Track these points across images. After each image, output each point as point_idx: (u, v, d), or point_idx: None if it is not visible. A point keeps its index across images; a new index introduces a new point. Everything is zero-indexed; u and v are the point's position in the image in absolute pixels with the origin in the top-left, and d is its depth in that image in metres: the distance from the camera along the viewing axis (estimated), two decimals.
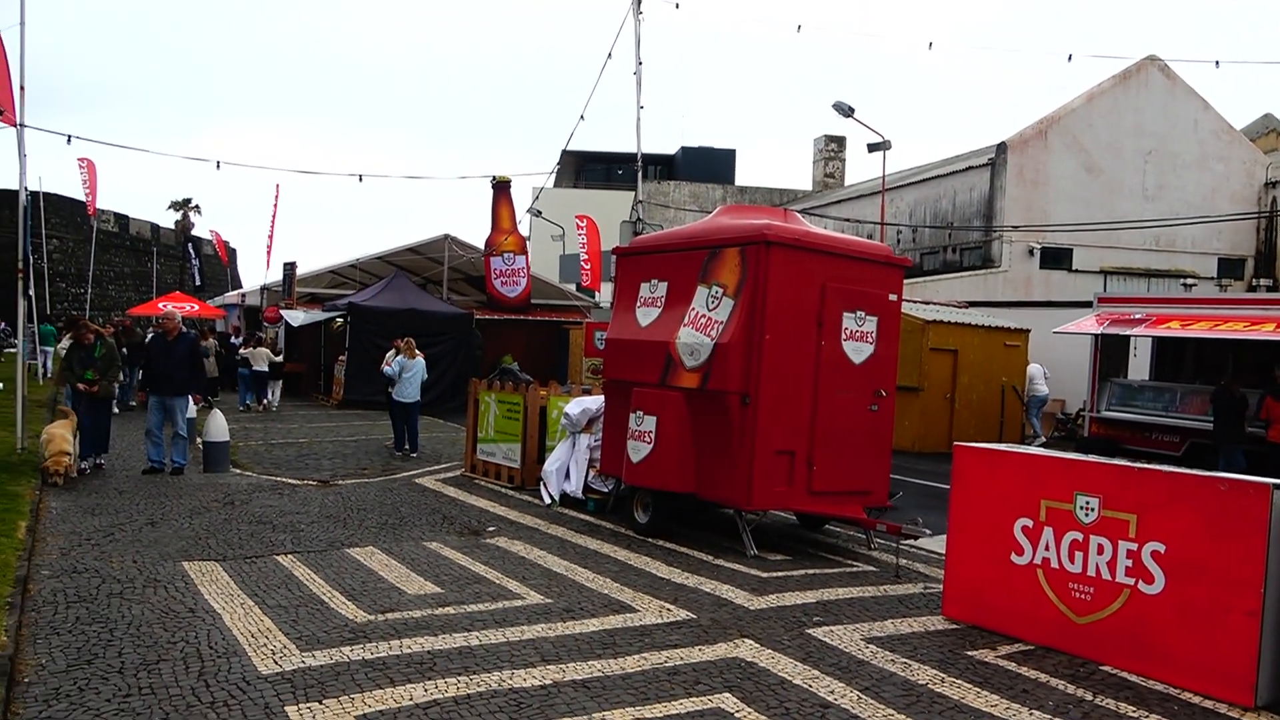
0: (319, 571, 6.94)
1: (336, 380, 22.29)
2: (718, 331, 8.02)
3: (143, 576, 6.59)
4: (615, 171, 55.21)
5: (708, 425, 8.17)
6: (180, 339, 11.19)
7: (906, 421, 16.19)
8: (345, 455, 13.66)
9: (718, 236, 8.40)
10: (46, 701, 4.37)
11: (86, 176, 33.45)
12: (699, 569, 7.42)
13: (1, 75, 11.88)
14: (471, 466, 12.02)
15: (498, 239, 24.81)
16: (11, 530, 7.48)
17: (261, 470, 11.98)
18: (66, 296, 48.72)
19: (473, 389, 12.27)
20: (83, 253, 48.32)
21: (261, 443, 14.75)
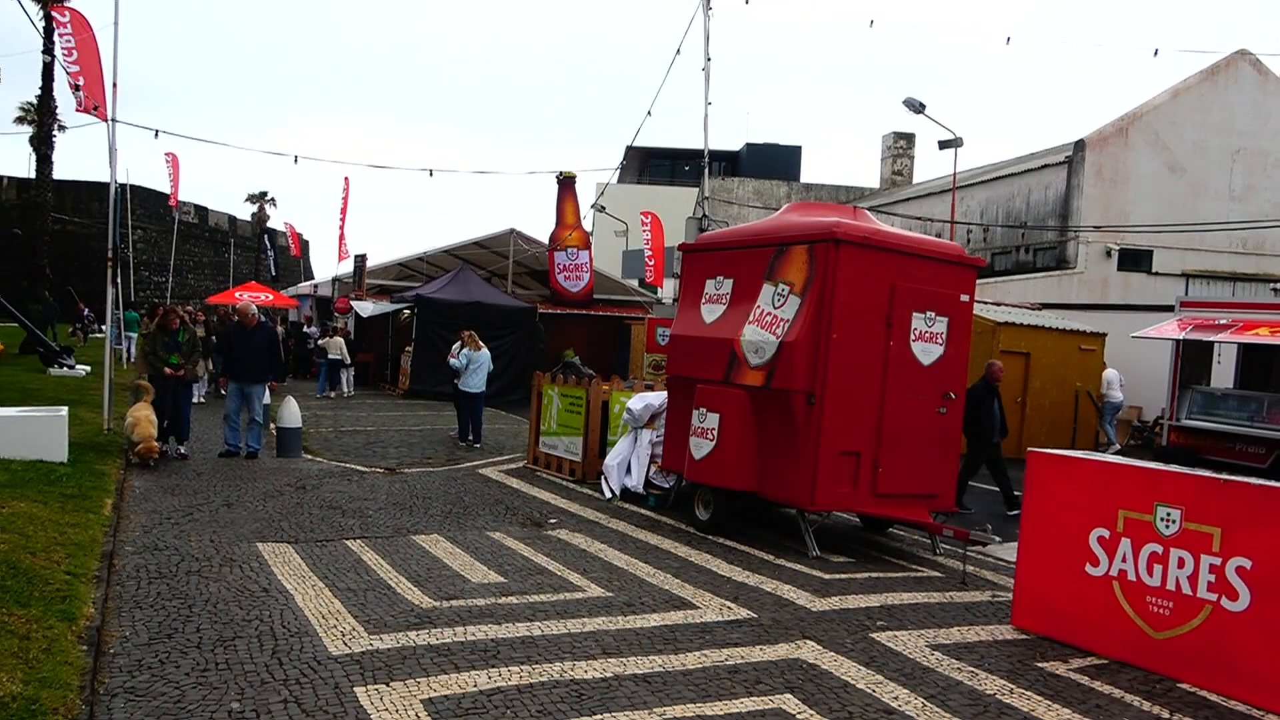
0: (386, 557, 7.08)
1: (403, 370, 22.69)
2: (783, 330, 7.96)
3: (219, 556, 6.81)
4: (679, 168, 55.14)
5: (771, 424, 8.12)
6: (259, 328, 11.49)
7: None
8: (411, 444, 13.90)
9: (785, 234, 8.33)
10: (130, 672, 4.55)
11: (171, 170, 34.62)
12: (760, 568, 7.39)
13: (95, 73, 12.34)
14: (533, 459, 12.14)
15: (562, 234, 24.97)
16: (99, 507, 7.78)
17: (331, 457, 12.27)
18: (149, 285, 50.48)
19: (536, 382, 12.38)
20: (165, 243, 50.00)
21: (331, 430, 15.09)
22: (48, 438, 9.32)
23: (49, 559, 5.97)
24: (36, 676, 4.19)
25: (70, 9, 12.62)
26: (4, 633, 4.57)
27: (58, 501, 7.60)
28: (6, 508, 6.95)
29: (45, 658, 4.43)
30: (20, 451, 9.10)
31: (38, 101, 29.87)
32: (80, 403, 13.89)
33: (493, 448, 13.90)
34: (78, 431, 10.83)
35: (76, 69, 11.93)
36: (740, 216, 34.50)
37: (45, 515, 7.04)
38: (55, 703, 3.99)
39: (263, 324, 11.70)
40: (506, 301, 23.14)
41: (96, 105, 11.90)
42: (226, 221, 62.77)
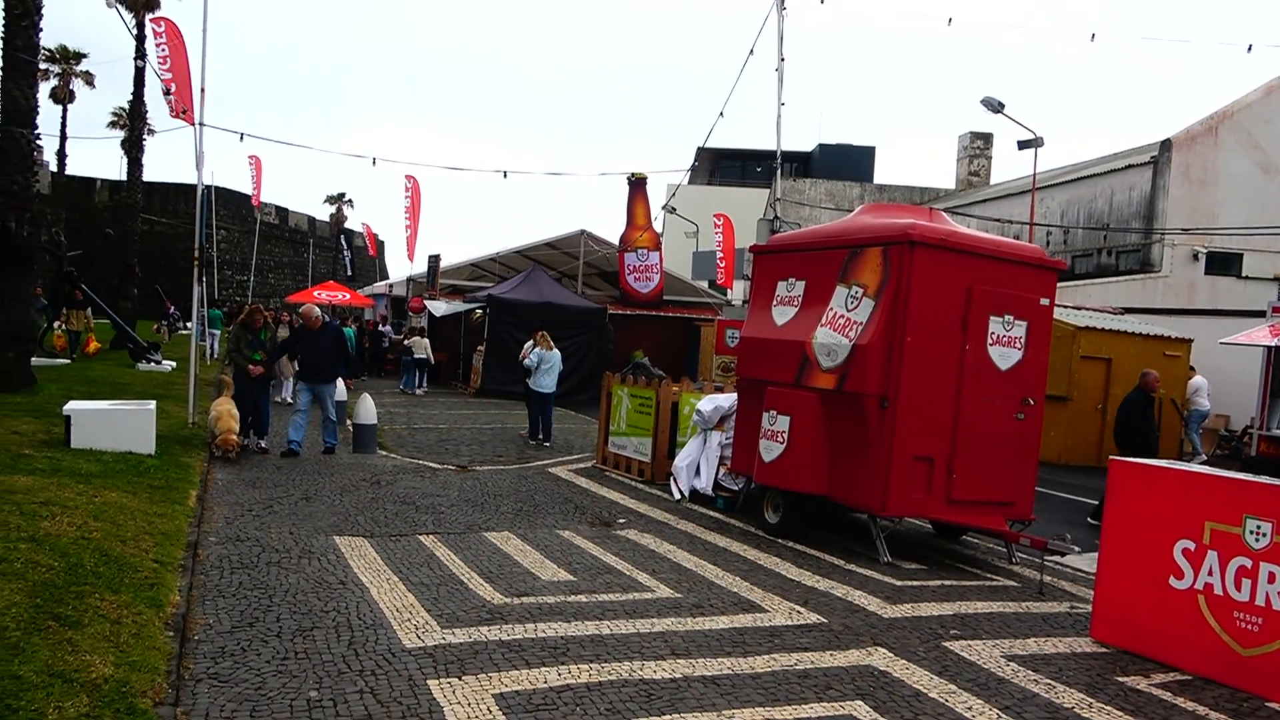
0: (458, 553, 7.20)
1: (475, 369, 23.03)
2: (856, 332, 7.87)
3: (298, 548, 7.00)
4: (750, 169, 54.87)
5: (843, 427, 8.03)
6: (323, 330, 11.57)
7: (1053, 432, 15.46)
8: (482, 442, 14.10)
9: (859, 235, 8.23)
10: (214, 659, 4.71)
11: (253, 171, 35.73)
12: (830, 573, 7.31)
13: (184, 79, 12.82)
14: (603, 459, 12.20)
15: (633, 235, 25.04)
16: (184, 498, 8.08)
17: (405, 453, 12.52)
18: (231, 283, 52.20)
19: (606, 382, 12.44)
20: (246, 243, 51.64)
21: (405, 427, 15.40)
22: (137, 430, 9.69)
23: (138, 547, 6.21)
24: (127, 660, 4.36)
25: (165, 18, 13.13)
26: (97, 617, 4.77)
27: (146, 492, 7.91)
28: (99, 497, 7.26)
29: (135, 642, 4.61)
30: (111, 443, 9.49)
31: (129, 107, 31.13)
32: (166, 397, 14.42)
33: (562, 447, 14.02)
34: (164, 425, 11.23)
35: (169, 75, 12.40)
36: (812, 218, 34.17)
37: (134, 505, 7.32)
38: (144, 686, 4.15)
39: (327, 325, 11.81)
40: (577, 302, 23.31)
41: (185, 109, 12.35)
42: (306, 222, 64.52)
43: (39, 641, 4.30)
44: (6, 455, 8.37)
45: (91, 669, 4.14)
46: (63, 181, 49.39)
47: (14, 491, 6.86)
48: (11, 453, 8.53)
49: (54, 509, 6.55)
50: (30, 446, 9.03)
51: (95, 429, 9.46)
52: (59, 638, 4.40)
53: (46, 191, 42.91)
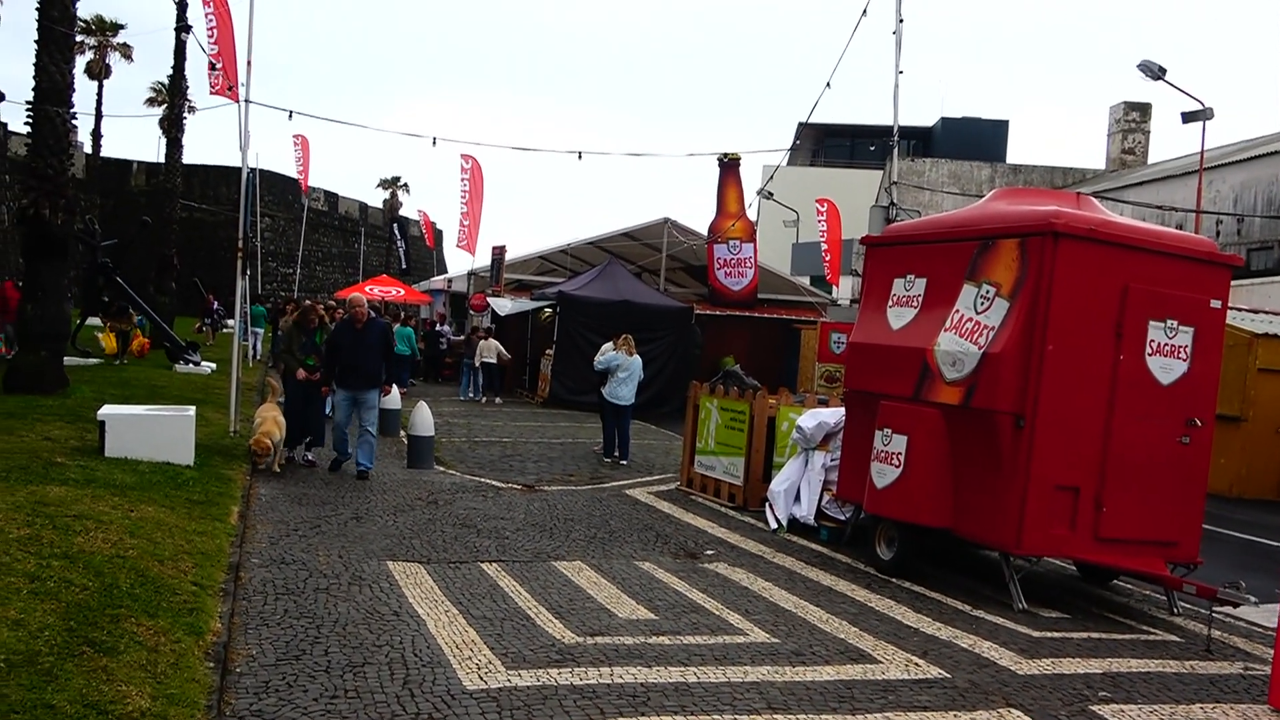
0: (524, 584, 7.29)
1: (543, 376, 23.31)
2: (987, 339, 7.73)
3: (348, 573, 7.19)
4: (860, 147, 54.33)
5: (970, 450, 7.89)
6: (370, 326, 11.30)
7: (1224, 459, 14.89)
8: (551, 458, 14.26)
9: (991, 225, 8.09)
10: (256, 694, 4.86)
11: (300, 153, 36.84)
12: (953, 619, 7.18)
13: (230, 52, 13.32)
14: (688, 480, 12.22)
15: (723, 224, 25.03)
16: (225, 515, 8.37)
17: (465, 469, 12.74)
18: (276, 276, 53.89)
19: (693, 393, 12.46)
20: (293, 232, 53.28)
21: (465, 439, 15.67)
22: (175, 438, 10.09)
23: (176, 568, 6.46)
24: (164, 693, 4.54)
25: None
26: (133, 644, 4.98)
27: (184, 507, 8.22)
28: (135, 511, 7.57)
29: (173, 673, 4.80)
30: (148, 452, 9.89)
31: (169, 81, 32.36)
32: (206, 402, 14.96)
33: (641, 466, 14.08)
34: (203, 433, 11.66)
35: (215, 49, 12.89)
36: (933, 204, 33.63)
37: (172, 521, 7.62)
38: None
39: (374, 320, 11.60)
40: (659, 301, 23.40)
41: (231, 85, 12.83)
42: (357, 209, 66.29)
43: (73, 669, 4.51)
44: (38, 463, 8.81)
45: (127, 700, 4.32)
46: (97, 164, 51.71)
47: (46, 503, 7.20)
48: (43, 460, 8.97)
49: (88, 523, 6.86)
50: (63, 454, 9.47)
51: (131, 436, 9.87)
52: (93, 665, 4.60)
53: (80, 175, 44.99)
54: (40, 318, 14.07)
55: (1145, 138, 42.70)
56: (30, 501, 7.17)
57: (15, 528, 6.40)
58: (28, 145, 14.53)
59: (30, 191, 14.06)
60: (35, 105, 14.02)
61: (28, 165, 14.58)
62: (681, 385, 18.38)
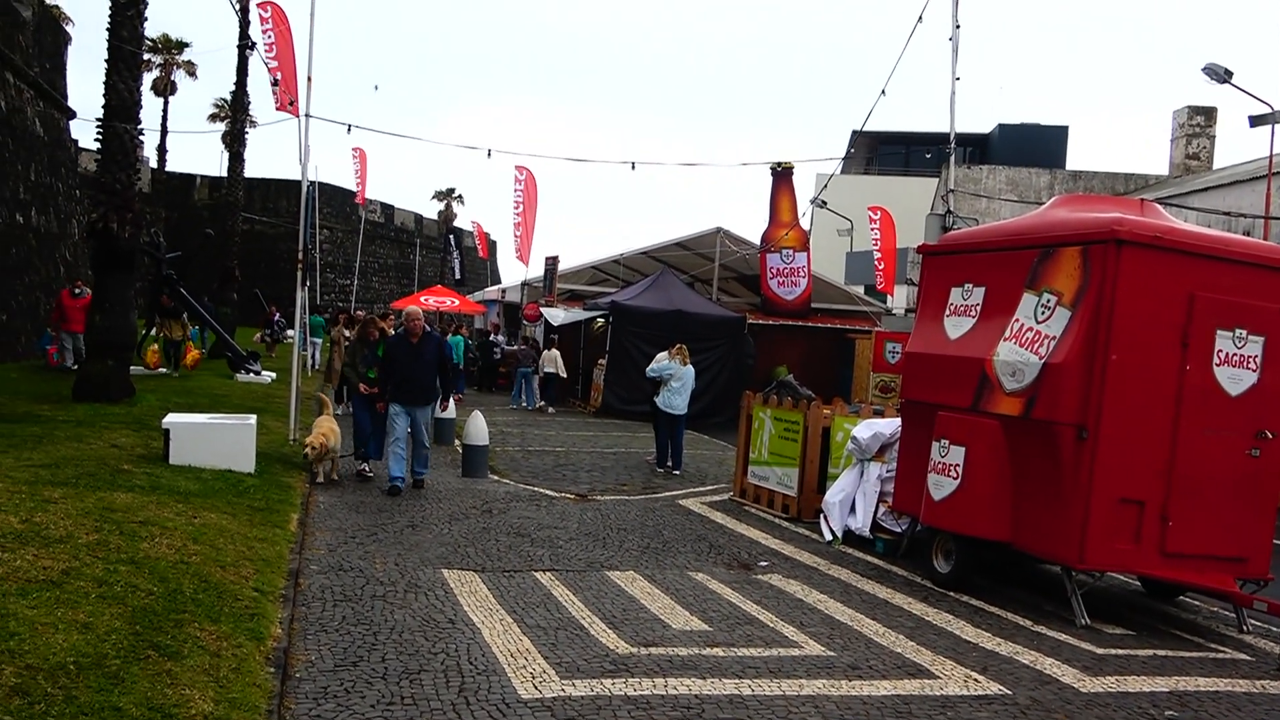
0: (578, 593, 7.31)
1: (595, 386, 23.38)
2: (1048, 349, 7.60)
3: (404, 580, 7.26)
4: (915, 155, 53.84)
5: (1030, 461, 7.76)
6: (426, 340, 11.12)
7: None
8: (604, 468, 14.28)
9: (1052, 233, 7.97)
10: (316, 699, 4.92)
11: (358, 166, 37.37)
12: (1013, 634, 7.06)
13: (290, 68, 13.58)
14: (741, 490, 12.16)
15: (776, 233, 24.95)
16: (284, 522, 8.50)
17: (519, 479, 12.80)
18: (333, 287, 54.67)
19: (746, 403, 12.41)
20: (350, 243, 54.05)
21: (519, 449, 15.76)
22: (236, 446, 10.26)
23: (238, 574, 6.57)
24: (227, 697, 4.61)
25: (271, 2, 13.94)
26: (196, 648, 5.06)
27: (245, 514, 8.35)
28: (198, 518, 7.72)
29: (235, 677, 4.87)
30: (210, 459, 10.07)
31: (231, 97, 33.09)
32: (266, 411, 15.19)
33: (694, 476, 14.05)
34: (263, 441, 11.84)
35: (275, 64, 13.15)
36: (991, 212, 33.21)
37: (234, 528, 7.75)
38: None
39: (429, 335, 11.39)
40: (712, 310, 23.37)
41: (293, 100, 13.06)
42: (412, 220, 67.10)
43: (138, 672, 4.59)
44: (106, 470, 9.01)
45: (191, 704, 4.40)
46: (162, 178, 52.93)
47: (114, 509, 7.37)
48: (110, 467, 9.17)
49: (153, 529, 7.00)
50: (129, 461, 9.68)
51: (194, 444, 10.06)
52: (158, 669, 4.69)
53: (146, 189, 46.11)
54: (108, 328, 14.40)
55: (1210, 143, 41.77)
56: (99, 508, 7.33)
57: (84, 533, 6.55)
58: (97, 161, 14.92)
59: (99, 206, 14.42)
60: (105, 122, 14.39)
61: (97, 180, 14.95)
62: (734, 395, 18.33)
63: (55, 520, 6.72)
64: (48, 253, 23.91)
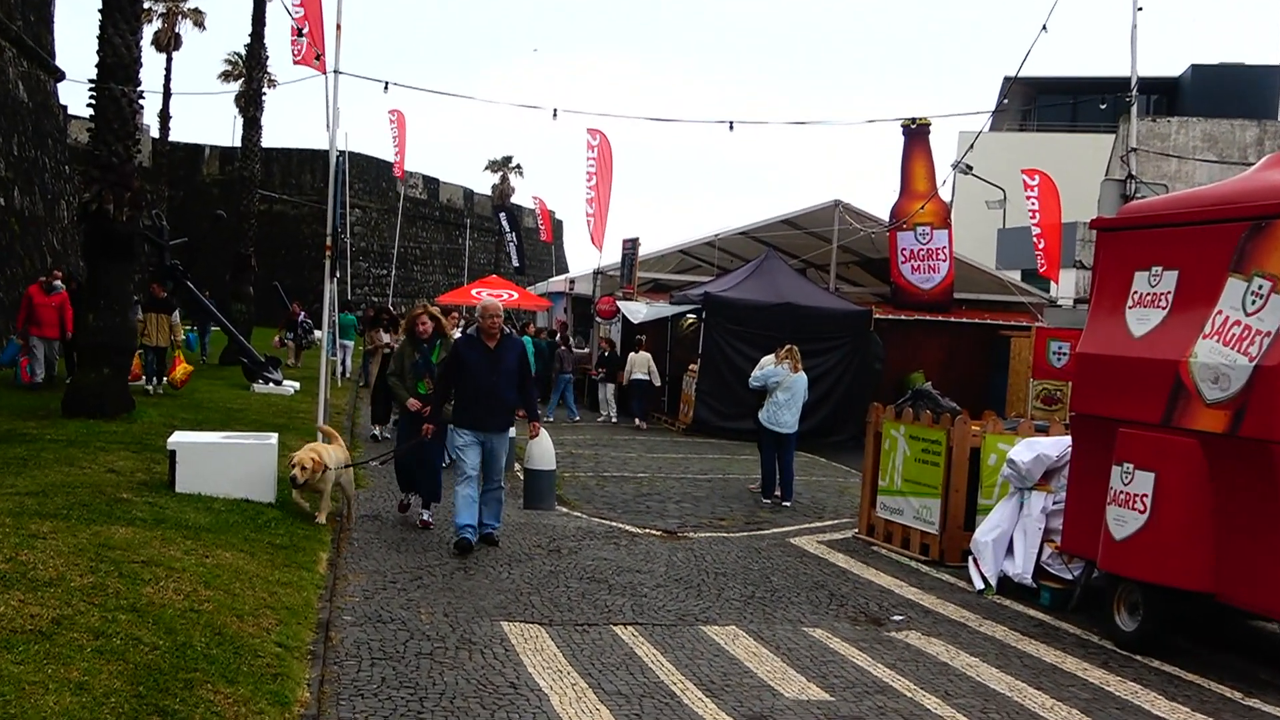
0: (667, 653, 7.34)
1: (685, 397, 23.40)
2: (1261, 348, 7.44)
3: (455, 635, 7.35)
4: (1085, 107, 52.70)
5: (1239, 491, 7.61)
6: (506, 344, 10.41)
7: None
8: (697, 498, 14.29)
9: (1265, 201, 7.80)
10: None
11: (396, 131, 37.94)
12: (1218, 710, 6.93)
13: (315, 13, 13.88)
14: (868, 526, 12.06)
15: (909, 206, 24.67)
16: (312, 562, 8.68)
17: (592, 511, 12.89)
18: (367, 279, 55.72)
19: (874, 417, 12.30)
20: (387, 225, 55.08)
21: (592, 474, 15.86)
22: (255, 471, 10.51)
23: (257, 625, 6.73)
24: None
25: None
26: (210, 715, 5.20)
27: (266, 553, 8.55)
28: (211, 557, 7.92)
29: None
30: (223, 486, 10.32)
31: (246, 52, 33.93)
32: (289, 428, 15.55)
33: (808, 508, 13.98)
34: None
35: (300, 10, 13.45)
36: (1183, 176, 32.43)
37: (253, 569, 7.94)
38: None
39: (510, 338, 10.80)
40: (829, 303, 23.23)
41: (319, 54, 13.35)
42: (461, 197, 68.09)
43: None
44: (102, 499, 9.30)
45: None
46: (165, 150, 54.57)
47: (111, 546, 7.60)
48: (107, 496, 9.47)
49: (158, 570, 7.20)
50: (128, 489, 9.98)
51: (205, 468, 10.33)
52: None
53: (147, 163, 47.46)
54: (103, 329, 14.79)
55: None
56: (94, 544, 7.57)
57: (78, 575, 6.76)
58: (90, 130, 15.33)
59: (93, 184, 14.85)
60: (98, 84, 14.83)
61: (90, 153, 15.38)
62: (859, 408, 18.17)
63: (44, 559, 6.95)
64: (32, 240, 24.66)
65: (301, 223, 53.57)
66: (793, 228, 26.71)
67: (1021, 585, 9.73)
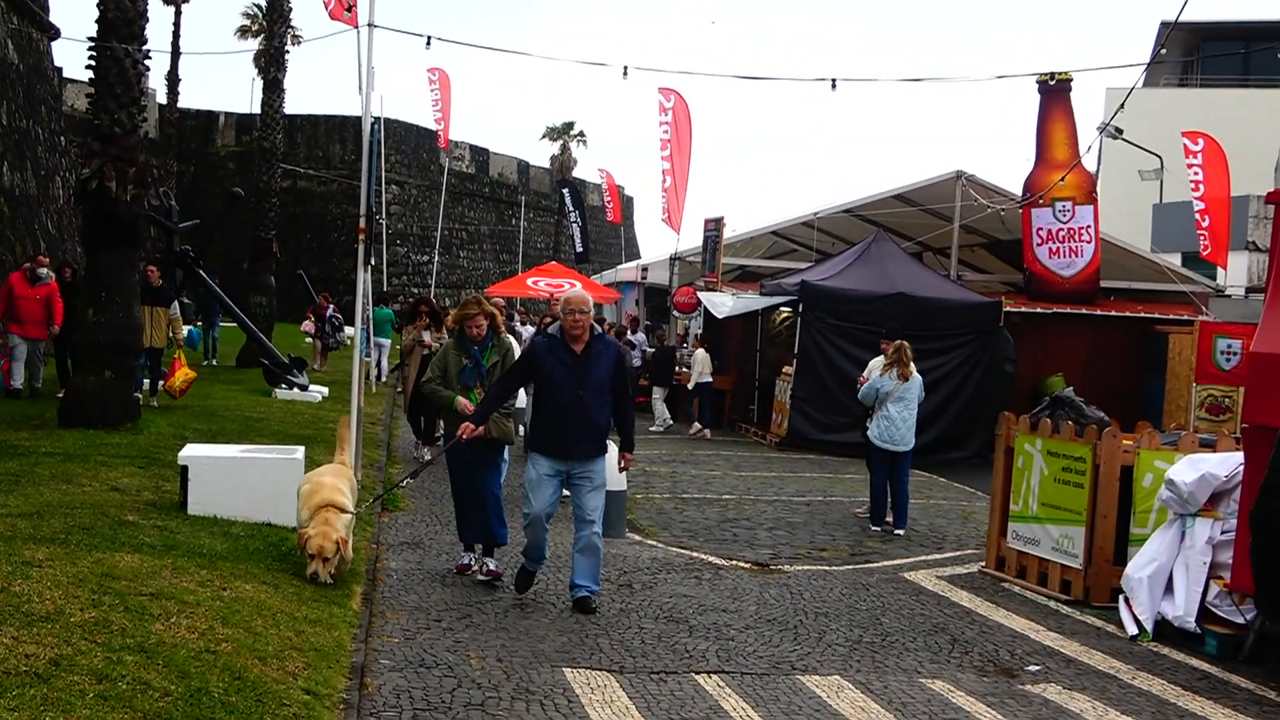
0: (758, 707, 7.34)
1: (779, 404, 23.33)
2: None
3: (510, 683, 7.41)
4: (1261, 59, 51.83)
5: None
6: (598, 349, 9.48)
7: None
8: (792, 524, 14.25)
9: None
10: None
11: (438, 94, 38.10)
12: None
13: None
14: (997, 559, 11.96)
15: (1046, 178, 24.39)
16: (345, 597, 8.79)
17: (670, 539, 12.90)
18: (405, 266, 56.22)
19: (1005, 429, 12.19)
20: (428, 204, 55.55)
21: (669, 496, 15.88)
22: (278, 490, 10.62)
23: (282, 669, 6.82)
24: None
25: None
26: None
27: (291, 586, 8.67)
28: (229, 590, 8.05)
29: None
30: (242, 508, 10.48)
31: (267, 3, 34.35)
32: (316, 440, 15.72)
33: (925, 536, 13.89)
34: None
35: None
36: None
37: (277, 604, 8.05)
38: None
39: (604, 340, 9.78)
40: (950, 293, 23.05)
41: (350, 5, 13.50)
42: (515, 170, 68.49)
43: None
44: (104, 522, 9.50)
45: None
46: (174, 118, 55.50)
47: (116, 576, 7.76)
48: (111, 518, 9.67)
49: (168, 605, 7.34)
50: (134, 510, 10.18)
51: (221, 486, 10.50)
52: None
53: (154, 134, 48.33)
54: (104, 325, 15.03)
55: None
56: (96, 574, 7.73)
57: (78, 608, 6.91)
58: (89, 96, 15.61)
59: (92, 158, 15.09)
60: (99, 42, 15.09)
61: (89, 122, 15.66)
62: (984, 419, 18.02)
63: (40, 590, 7.11)
64: (24, 223, 25.03)
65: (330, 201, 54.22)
66: (906, 204, 26.55)
67: (1183, 630, 9.60)
